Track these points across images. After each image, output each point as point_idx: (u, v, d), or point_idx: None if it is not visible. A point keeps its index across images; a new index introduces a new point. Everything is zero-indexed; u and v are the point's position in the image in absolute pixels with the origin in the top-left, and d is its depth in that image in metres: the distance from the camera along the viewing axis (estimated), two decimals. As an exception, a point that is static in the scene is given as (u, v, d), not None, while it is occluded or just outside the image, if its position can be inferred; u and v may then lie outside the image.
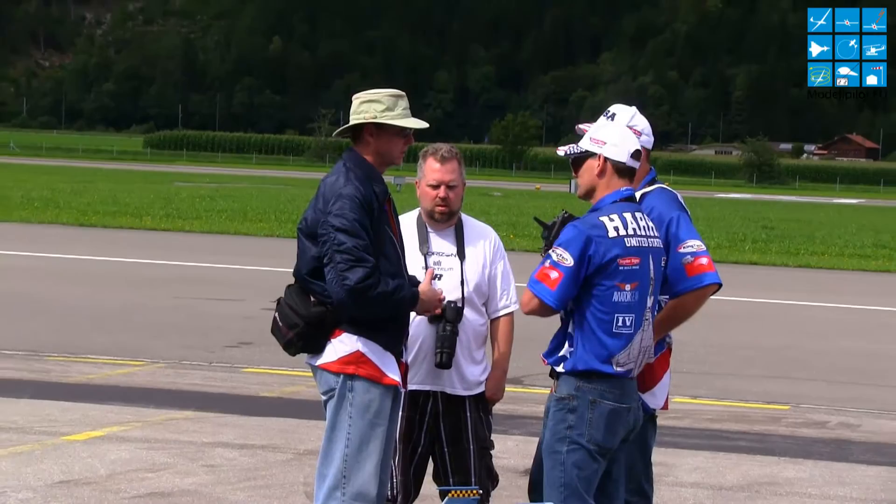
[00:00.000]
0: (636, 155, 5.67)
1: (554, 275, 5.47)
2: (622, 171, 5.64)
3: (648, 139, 6.05)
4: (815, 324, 19.14)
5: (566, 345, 5.57)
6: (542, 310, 5.52)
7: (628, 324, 5.52)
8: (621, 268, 5.48)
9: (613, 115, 5.93)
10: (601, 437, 5.53)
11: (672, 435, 10.18)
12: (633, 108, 6.04)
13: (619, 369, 5.53)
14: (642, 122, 6.04)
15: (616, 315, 5.49)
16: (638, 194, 5.83)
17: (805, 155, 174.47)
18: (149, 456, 9.04)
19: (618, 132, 5.68)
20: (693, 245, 5.92)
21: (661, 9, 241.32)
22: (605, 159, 5.61)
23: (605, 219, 5.52)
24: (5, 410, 10.35)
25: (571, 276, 5.45)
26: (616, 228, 5.50)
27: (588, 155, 5.65)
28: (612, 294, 5.48)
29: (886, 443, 10.81)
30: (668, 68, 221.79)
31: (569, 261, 5.45)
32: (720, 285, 6.00)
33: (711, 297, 6.05)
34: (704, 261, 5.93)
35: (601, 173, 5.62)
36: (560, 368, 5.58)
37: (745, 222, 46.77)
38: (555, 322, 5.69)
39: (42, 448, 9.14)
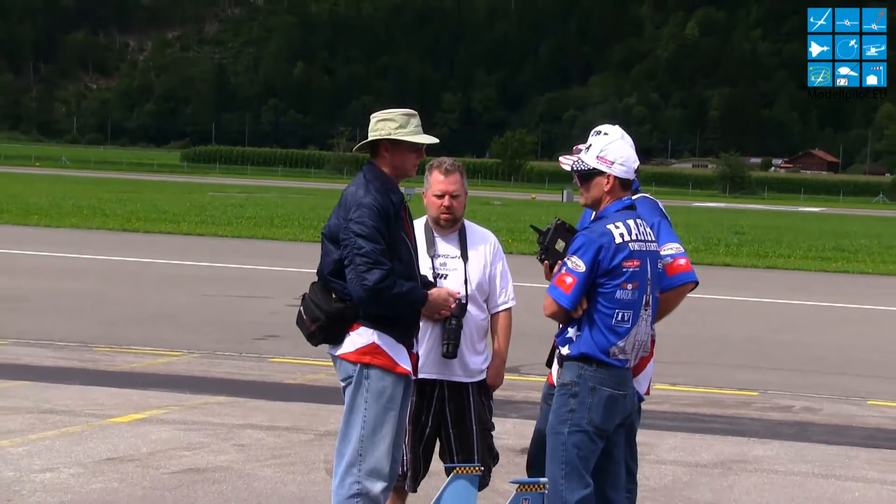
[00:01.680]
0: (637, 169, 5.70)
1: (569, 280, 5.52)
2: (626, 184, 5.67)
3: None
4: (781, 319, 19.12)
5: (574, 329, 5.60)
6: (560, 311, 5.56)
7: (626, 319, 5.55)
8: (625, 269, 5.51)
9: (607, 133, 5.83)
10: (600, 420, 5.57)
11: (653, 418, 10.18)
12: (618, 128, 5.98)
13: (616, 360, 5.56)
14: (630, 140, 6.01)
15: (616, 311, 5.53)
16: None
17: (773, 168, 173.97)
18: (186, 436, 9.06)
19: (623, 151, 5.67)
20: (673, 247, 5.93)
21: (644, 39, 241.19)
22: (615, 178, 5.63)
23: (611, 226, 5.54)
24: (58, 395, 10.38)
25: (584, 281, 5.50)
26: (622, 234, 5.53)
27: (596, 172, 5.67)
28: (615, 292, 5.52)
29: (844, 425, 10.81)
30: (651, 91, 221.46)
31: (582, 267, 5.50)
32: (697, 283, 6.02)
33: (689, 294, 6.07)
34: (683, 261, 5.94)
35: (610, 190, 5.64)
36: (565, 350, 5.62)
37: (719, 228, 46.73)
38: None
39: (91, 429, 9.17)
